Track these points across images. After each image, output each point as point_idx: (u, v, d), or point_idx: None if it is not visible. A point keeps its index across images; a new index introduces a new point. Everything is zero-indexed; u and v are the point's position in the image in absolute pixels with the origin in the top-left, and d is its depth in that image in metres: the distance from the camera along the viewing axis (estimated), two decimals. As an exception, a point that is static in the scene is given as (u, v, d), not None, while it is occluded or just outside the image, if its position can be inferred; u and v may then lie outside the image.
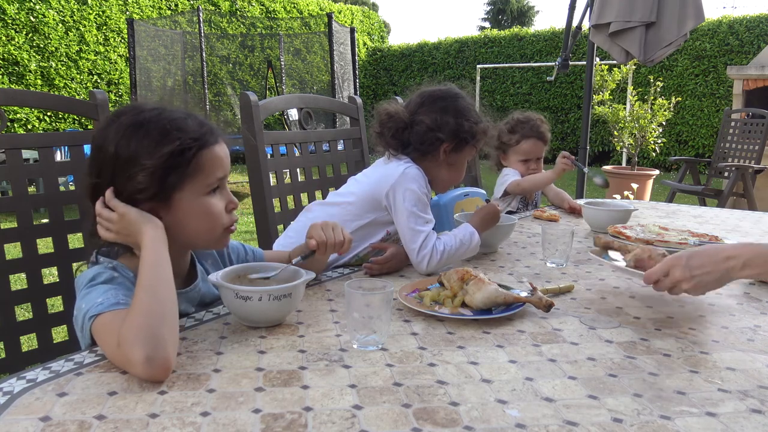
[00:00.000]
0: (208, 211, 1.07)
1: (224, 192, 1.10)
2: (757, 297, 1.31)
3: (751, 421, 0.77)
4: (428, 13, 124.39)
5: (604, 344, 1.02)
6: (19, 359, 1.32)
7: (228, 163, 1.10)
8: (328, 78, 9.51)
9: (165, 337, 0.86)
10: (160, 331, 0.86)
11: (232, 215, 1.12)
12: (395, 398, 0.80)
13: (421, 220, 1.50)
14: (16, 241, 1.34)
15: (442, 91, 1.63)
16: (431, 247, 1.46)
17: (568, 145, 11.39)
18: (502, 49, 12.29)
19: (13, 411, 0.75)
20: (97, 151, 1.03)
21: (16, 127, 8.57)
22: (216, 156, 1.07)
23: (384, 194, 1.53)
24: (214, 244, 1.15)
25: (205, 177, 1.05)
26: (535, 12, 38.32)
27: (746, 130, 5.29)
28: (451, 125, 1.56)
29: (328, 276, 1.43)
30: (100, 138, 1.03)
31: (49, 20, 8.93)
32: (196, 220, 1.06)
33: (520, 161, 2.51)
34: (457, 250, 1.49)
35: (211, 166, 1.06)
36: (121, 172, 1.01)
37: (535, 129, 2.50)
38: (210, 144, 1.06)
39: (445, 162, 1.60)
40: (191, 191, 1.04)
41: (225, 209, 1.09)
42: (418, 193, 1.51)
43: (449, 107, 1.58)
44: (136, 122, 1.02)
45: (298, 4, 12.44)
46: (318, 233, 1.20)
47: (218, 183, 1.08)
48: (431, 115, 1.58)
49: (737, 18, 9.87)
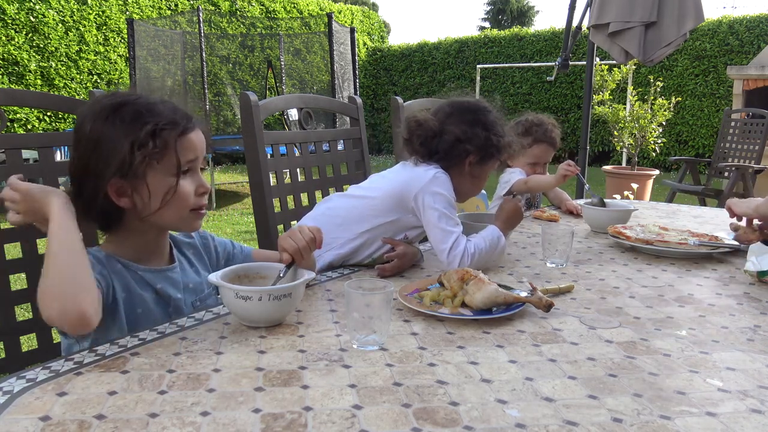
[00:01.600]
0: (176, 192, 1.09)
1: (195, 176, 1.13)
2: (757, 297, 1.31)
3: (751, 421, 0.77)
4: (428, 13, 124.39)
5: (604, 344, 1.02)
6: (19, 359, 1.32)
7: (201, 148, 1.13)
8: (328, 78, 9.51)
9: (72, 291, 0.91)
10: (65, 288, 0.91)
11: (202, 199, 1.14)
12: (395, 398, 0.80)
13: (452, 222, 1.51)
14: (16, 241, 1.34)
15: (472, 104, 1.66)
16: (462, 248, 1.47)
17: (568, 146, 11.38)
18: (502, 49, 12.29)
19: (13, 411, 0.75)
20: (76, 131, 1.09)
21: (16, 127, 8.57)
22: (187, 139, 1.10)
23: (413, 195, 1.53)
24: (184, 226, 1.17)
25: (174, 159, 1.08)
26: (535, 12, 38.32)
27: (746, 130, 5.29)
28: (479, 138, 1.58)
29: (328, 276, 1.43)
30: (80, 119, 1.10)
31: (49, 20, 8.93)
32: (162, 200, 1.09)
33: (529, 164, 2.50)
34: (487, 253, 1.50)
35: (181, 149, 1.08)
36: (94, 150, 1.05)
37: (548, 134, 2.48)
38: (181, 128, 1.09)
39: (469, 173, 1.62)
40: (160, 172, 1.07)
41: (194, 192, 1.12)
42: (448, 197, 1.54)
43: (479, 120, 1.60)
44: (113, 104, 1.07)
45: (298, 4, 12.44)
46: (288, 243, 1.18)
47: (188, 165, 1.10)
48: (461, 127, 1.59)
49: (737, 18, 9.86)
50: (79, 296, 0.91)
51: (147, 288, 1.13)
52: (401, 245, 1.51)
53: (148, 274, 1.14)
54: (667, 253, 1.64)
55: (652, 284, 1.39)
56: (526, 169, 2.51)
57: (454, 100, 1.68)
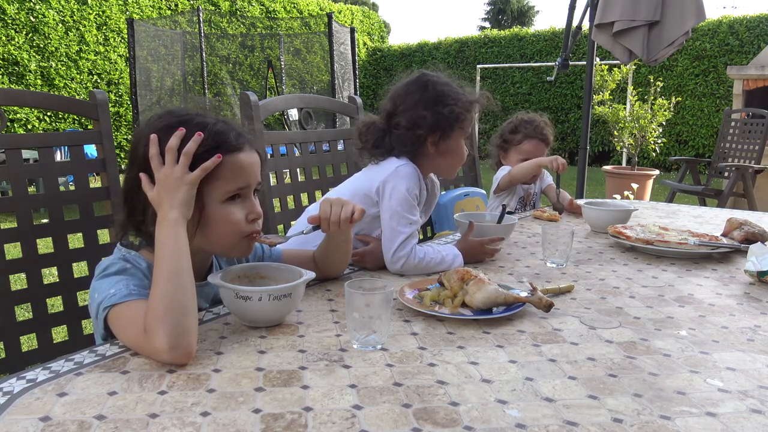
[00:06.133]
0: (224, 218, 1.06)
1: (247, 201, 1.09)
2: (757, 297, 1.31)
3: (751, 421, 0.76)
4: (428, 13, 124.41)
5: (604, 344, 1.02)
6: (19, 359, 1.33)
7: (256, 171, 1.10)
8: (328, 78, 9.50)
9: (188, 325, 0.90)
10: (183, 320, 0.90)
11: (254, 225, 1.10)
12: (395, 398, 0.80)
13: (404, 221, 1.46)
14: (16, 241, 1.34)
15: (409, 84, 1.59)
16: (408, 251, 1.43)
17: (568, 146, 11.39)
18: (502, 49, 12.30)
19: (13, 411, 0.75)
20: (132, 149, 1.07)
21: (16, 127, 8.57)
22: (237, 163, 1.06)
23: (375, 189, 1.51)
24: (235, 252, 1.13)
25: (224, 183, 1.05)
26: (535, 12, 38.33)
27: (746, 130, 5.29)
28: (427, 118, 1.53)
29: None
30: (137, 137, 1.07)
31: (49, 20, 8.92)
32: (213, 226, 1.07)
33: (521, 161, 2.51)
34: (436, 265, 1.46)
35: (231, 173, 1.05)
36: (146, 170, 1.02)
37: (539, 130, 2.51)
38: (232, 150, 1.05)
39: (437, 153, 1.57)
40: (210, 196, 1.05)
41: (245, 218, 1.09)
42: (405, 194, 1.48)
43: (420, 100, 1.54)
44: (168, 125, 1.04)
45: (298, 4, 12.44)
46: (323, 209, 1.19)
47: (238, 191, 1.07)
48: (405, 115, 1.55)
49: (737, 18, 9.87)
50: (191, 330, 0.90)
51: None
52: (373, 242, 1.51)
53: None
54: (667, 253, 1.64)
55: (652, 284, 1.39)
56: None
57: (393, 87, 1.63)
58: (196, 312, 0.94)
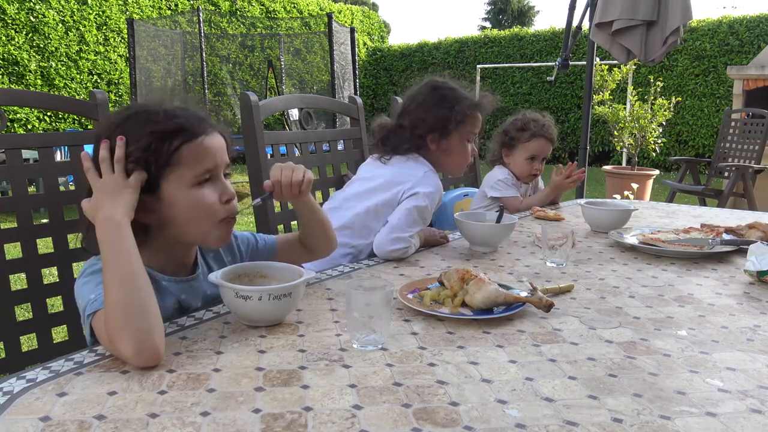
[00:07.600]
0: (197, 203, 1.04)
1: (219, 183, 1.07)
2: (757, 297, 1.31)
3: (751, 421, 0.76)
4: (428, 13, 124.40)
5: (604, 344, 1.02)
6: (19, 359, 1.32)
7: (222, 154, 1.08)
8: (328, 78, 9.51)
9: (150, 326, 0.88)
10: (143, 323, 0.88)
11: (230, 206, 1.08)
12: (395, 398, 0.80)
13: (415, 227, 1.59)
14: (16, 241, 1.34)
15: (418, 89, 1.77)
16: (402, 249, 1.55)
17: (568, 146, 11.39)
18: (502, 49, 12.30)
19: (13, 411, 0.75)
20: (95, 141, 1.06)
21: (16, 127, 8.57)
22: (203, 146, 1.05)
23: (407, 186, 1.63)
24: (212, 237, 1.10)
25: (190, 168, 1.04)
26: (535, 12, 38.32)
27: (746, 130, 5.30)
28: (428, 120, 1.70)
29: (328, 275, 1.42)
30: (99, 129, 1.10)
31: (49, 20, 8.93)
32: (185, 213, 1.05)
33: (526, 159, 2.51)
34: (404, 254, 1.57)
35: (196, 157, 1.04)
36: None
37: (546, 129, 2.53)
38: (197, 134, 1.04)
39: (439, 151, 1.73)
40: (177, 182, 1.03)
41: (219, 200, 1.07)
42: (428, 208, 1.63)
43: (423, 102, 1.72)
44: (128, 114, 1.06)
45: (298, 4, 12.44)
46: (273, 173, 1.16)
47: (208, 174, 1.06)
48: (408, 117, 1.73)
49: (737, 18, 9.87)
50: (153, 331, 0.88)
51: (170, 298, 1.10)
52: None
53: (172, 285, 1.11)
54: (667, 253, 1.64)
55: (652, 284, 1.39)
56: (524, 164, 2.52)
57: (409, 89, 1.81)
58: (158, 310, 0.91)
